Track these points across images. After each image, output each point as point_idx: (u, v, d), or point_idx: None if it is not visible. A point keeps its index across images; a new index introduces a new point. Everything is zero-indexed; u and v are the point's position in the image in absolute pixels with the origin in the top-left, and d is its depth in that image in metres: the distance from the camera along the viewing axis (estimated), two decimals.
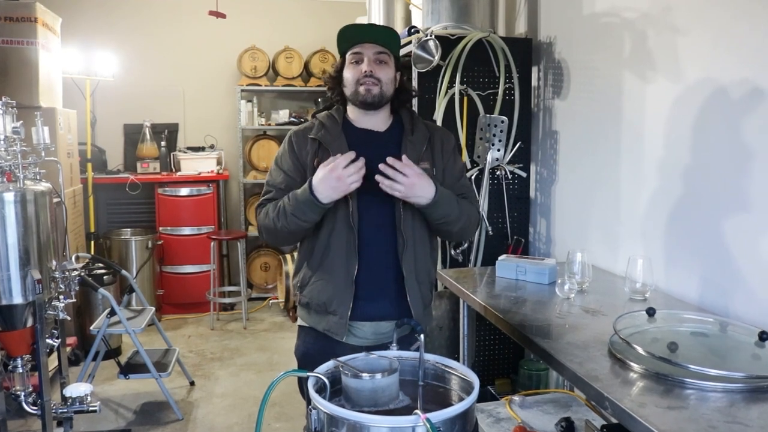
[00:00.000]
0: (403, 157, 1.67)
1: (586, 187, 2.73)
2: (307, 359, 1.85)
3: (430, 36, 2.78)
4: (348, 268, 1.76)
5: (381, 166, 1.65)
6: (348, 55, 1.80)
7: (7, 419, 2.61)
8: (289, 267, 4.95)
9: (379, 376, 1.47)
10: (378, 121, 1.85)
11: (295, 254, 5.09)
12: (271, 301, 5.38)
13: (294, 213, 1.70)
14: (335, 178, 1.64)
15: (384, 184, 1.65)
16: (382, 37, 1.78)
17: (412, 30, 2.98)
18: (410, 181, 1.64)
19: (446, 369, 1.61)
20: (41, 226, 2.48)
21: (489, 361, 3.08)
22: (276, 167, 1.86)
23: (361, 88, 1.76)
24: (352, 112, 1.86)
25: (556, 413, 2.30)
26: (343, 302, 1.76)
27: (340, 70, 1.83)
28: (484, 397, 2.75)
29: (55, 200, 2.66)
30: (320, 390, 1.46)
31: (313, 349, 1.84)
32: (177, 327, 4.82)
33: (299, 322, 1.94)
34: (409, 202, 1.71)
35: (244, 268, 5.05)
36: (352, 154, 1.65)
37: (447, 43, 2.81)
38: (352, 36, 1.79)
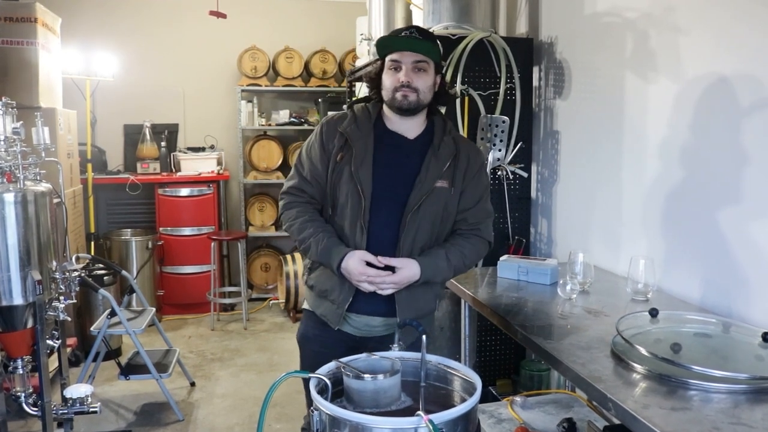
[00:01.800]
0: (379, 258, 1.75)
1: (588, 187, 2.73)
2: (304, 341, 1.98)
3: None
4: None
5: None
6: (387, 61, 1.81)
7: (7, 420, 2.60)
8: (290, 267, 4.94)
9: (381, 377, 1.47)
10: (411, 126, 1.86)
11: (297, 254, 5.09)
12: (271, 302, 5.38)
13: (316, 259, 1.82)
14: (360, 279, 1.74)
15: (372, 289, 1.76)
16: (420, 48, 1.77)
17: None
18: (394, 282, 1.76)
19: (448, 370, 1.61)
20: (41, 226, 2.47)
21: (490, 362, 3.07)
22: (305, 154, 1.90)
23: (398, 95, 1.77)
24: (388, 112, 1.87)
25: (558, 414, 2.29)
26: (342, 294, 1.82)
27: (379, 73, 1.84)
28: (485, 397, 2.75)
29: (55, 201, 2.66)
30: (322, 391, 1.46)
31: (311, 333, 1.94)
32: (177, 327, 4.81)
33: (306, 305, 2.02)
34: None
35: (245, 268, 5.04)
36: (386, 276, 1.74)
37: (448, 43, 2.80)
38: (391, 44, 1.80)
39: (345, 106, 2.06)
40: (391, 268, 1.76)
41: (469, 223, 1.89)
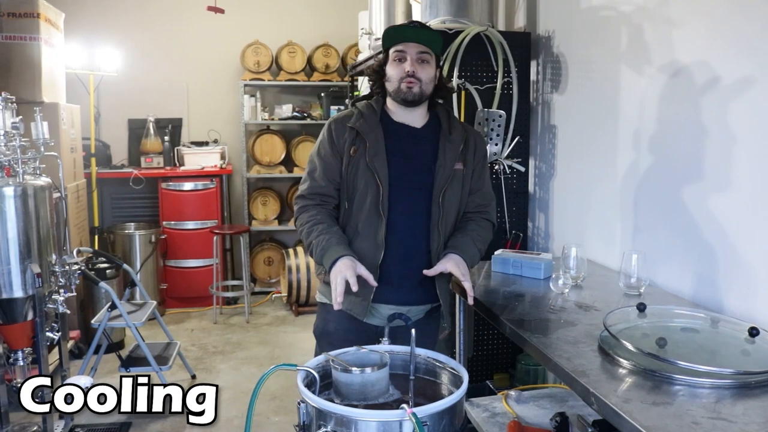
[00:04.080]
0: (426, 271, 1.83)
1: (584, 181, 2.72)
2: (324, 335, 1.95)
3: None
4: (374, 255, 1.83)
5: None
6: (391, 52, 1.86)
7: (9, 411, 2.64)
8: (292, 261, 4.97)
9: (368, 370, 1.48)
10: (415, 117, 1.92)
11: (299, 248, 5.11)
12: (273, 296, 5.41)
13: (316, 260, 1.86)
14: (337, 278, 1.73)
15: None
16: (425, 38, 1.84)
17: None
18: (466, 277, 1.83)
19: (437, 363, 1.62)
20: (41, 220, 2.50)
21: (488, 356, 3.08)
22: (316, 156, 1.93)
23: (403, 86, 1.83)
24: (392, 105, 1.93)
25: (552, 408, 2.29)
26: (366, 286, 1.79)
27: (383, 65, 1.90)
28: (482, 391, 2.75)
29: (55, 195, 2.68)
30: (311, 384, 1.48)
31: (332, 326, 1.93)
32: (180, 321, 4.85)
33: (321, 299, 2.00)
34: None
35: (248, 262, 5.07)
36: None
37: (445, 37, 2.79)
38: (396, 35, 1.85)
39: (348, 103, 2.14)
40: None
41: (477, 204, 1.96)
